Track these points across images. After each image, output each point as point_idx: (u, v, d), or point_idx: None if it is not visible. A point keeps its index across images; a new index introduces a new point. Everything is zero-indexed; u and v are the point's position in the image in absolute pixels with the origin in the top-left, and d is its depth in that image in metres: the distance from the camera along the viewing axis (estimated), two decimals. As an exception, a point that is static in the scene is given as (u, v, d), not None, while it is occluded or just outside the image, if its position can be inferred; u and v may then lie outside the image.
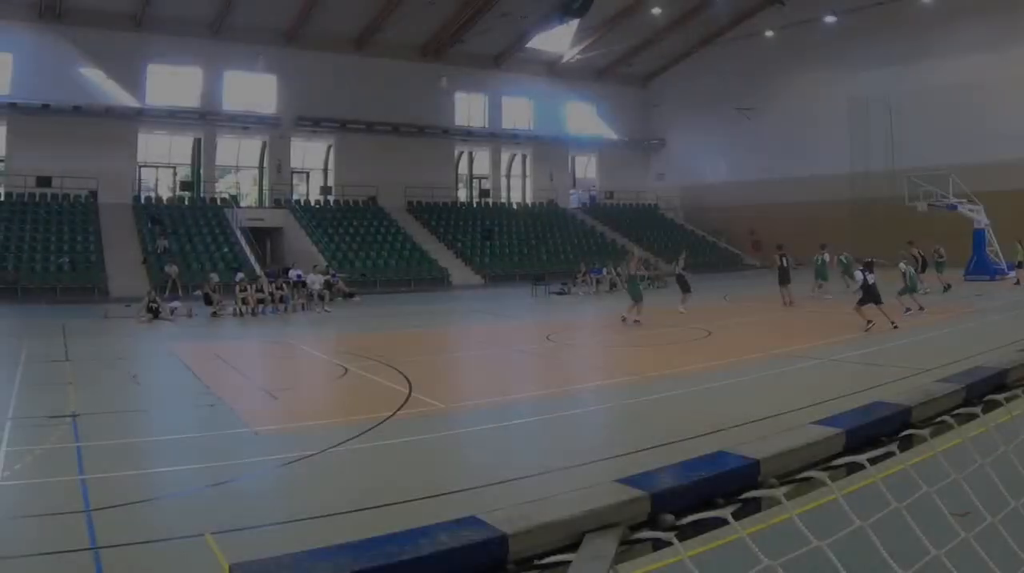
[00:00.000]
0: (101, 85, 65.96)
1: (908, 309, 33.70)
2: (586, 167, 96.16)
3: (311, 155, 78.72)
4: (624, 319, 34.07)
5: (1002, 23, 65.36)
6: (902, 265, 36.08)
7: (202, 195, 71.40)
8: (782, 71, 79.88)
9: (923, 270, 42.51)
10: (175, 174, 73.41)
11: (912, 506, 2.66)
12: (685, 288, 39.51)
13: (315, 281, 46.34)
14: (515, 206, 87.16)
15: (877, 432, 2.64)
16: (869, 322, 28.27)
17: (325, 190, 77.68)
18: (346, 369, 23.83)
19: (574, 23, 76.47)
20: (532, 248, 73.67)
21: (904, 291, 34.59)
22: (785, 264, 40.14)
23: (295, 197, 75.35)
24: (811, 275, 45.35)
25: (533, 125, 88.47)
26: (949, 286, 41.91)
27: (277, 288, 44.56)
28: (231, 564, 1.65)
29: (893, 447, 2.62)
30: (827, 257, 47.35)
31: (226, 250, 60.41)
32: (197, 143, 72.53)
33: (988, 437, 3.11)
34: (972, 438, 3.00)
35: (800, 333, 30.10)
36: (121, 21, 64.59)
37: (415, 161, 78.80)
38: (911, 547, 2.77)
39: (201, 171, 72.73)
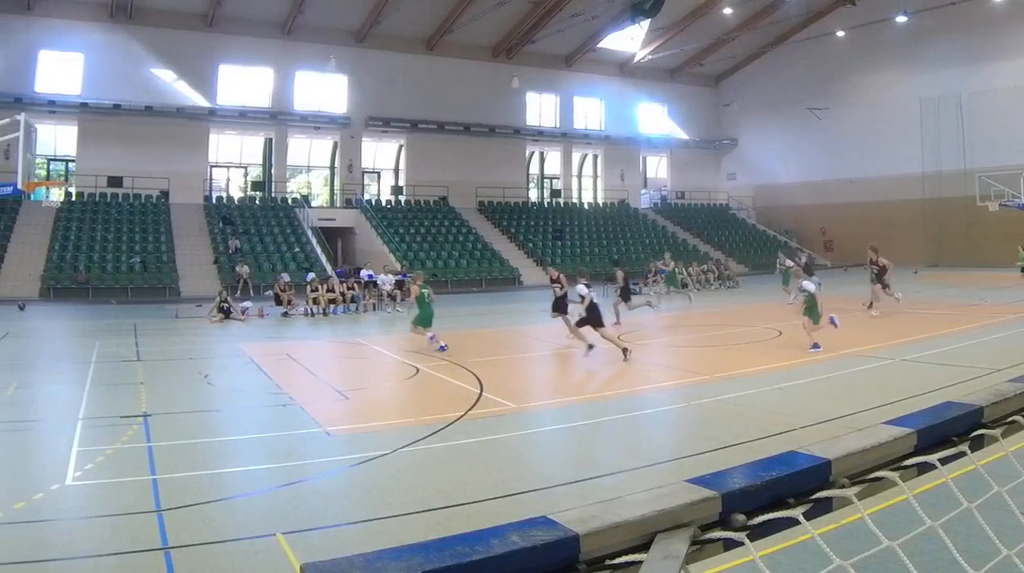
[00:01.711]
0: (172, 85, 66.61)
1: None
2: (657, 167, 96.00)
3: (382, 155, 78.95)
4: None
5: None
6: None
7: (273, 195, 71.81)
8: (853, 71, 79.47)
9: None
10: (246, 174, 73.98)
11: (983, 506, 2.65)
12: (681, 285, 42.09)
13: (386, 281, 46.41)
14: (586, 206, 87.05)
15: (948, 432, 2.63)
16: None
17: (396, 190, 77.88)
18: (417, 369, 23.82)
19: (645, 23, 76.24)
20: (603, 248, 73.47)
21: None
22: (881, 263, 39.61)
23: (366, 197, 75.60)
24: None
25: (604, 125, 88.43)
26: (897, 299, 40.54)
27: (348, 288, 44.66)
28: (303, 564, 1.67)
29: (964, 447, 2.61)
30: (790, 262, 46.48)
31: (297, 250, 60.66)
32: (268, 143, 72.96)
33: (1060, 437, 3.09)
34: (1044, 438, 2.98)
35: (871, 333, 29.80)
36: (192, 21, 65.21)
37: (486, 161, 79.11)
38: (982, 547, 2.76)
39: (272, 171, 73.09)
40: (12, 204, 56.88)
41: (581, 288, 26.02)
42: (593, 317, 25.65)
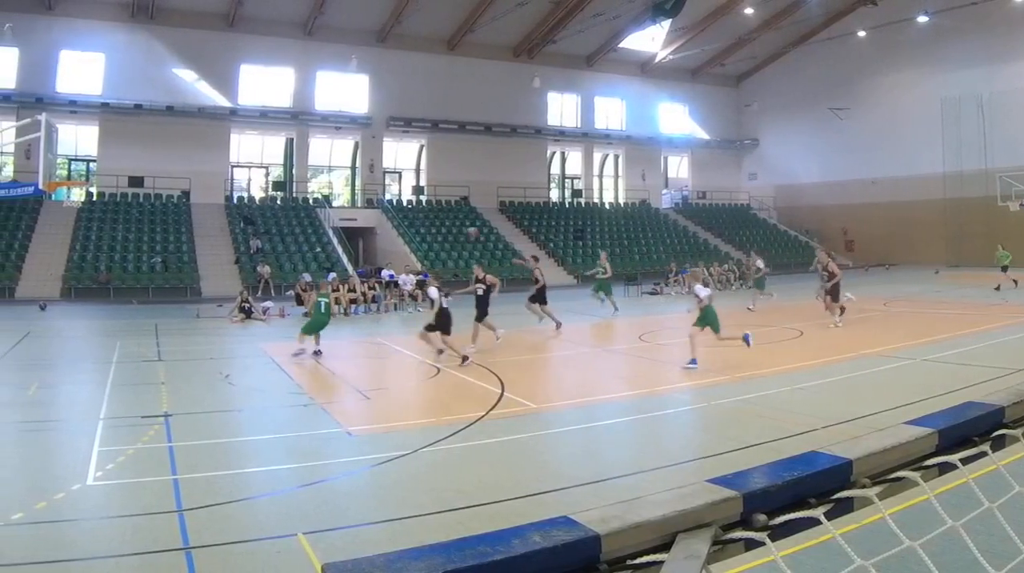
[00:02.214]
0: (193, 85, 66.80)
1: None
2: (678, 167, 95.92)
3: (403, 155, 79.06)
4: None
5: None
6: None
7: (294, 195, 71.89)
8: (874, 71, 79.35)
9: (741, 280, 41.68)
10: (267, 174, 74.17)
11: (1004, 506, 2.65)
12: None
13: (407, 281, 46.44)
14: (607, 206, 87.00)
15: (969, 432, 2.63)
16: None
17: (417, 190, 78.09)
18: (438, 369, 23.85)
19: (666, 23, 76.13)
20: (624, 248, 73.44)
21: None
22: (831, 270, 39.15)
23: (387, 197, 75.62)
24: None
25: (625, 125, 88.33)
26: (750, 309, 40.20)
27: (369, 288, 44.71)
28: (324, 564, 1.67)
29: (985, 447, 2.61)
30: (761, 264, 45.06)
31: (318, 250, 60.70)
32: (289, 143, 73.16)
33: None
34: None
35: (893, 333, 29.76)
36: (213, 21, 65.36)
37: (507, 161, 79.22)
38: (1003, 547, 2.76)
39: (293, 171, 73.26)
40: (33, 204, 57.07)
41: (432, 291, 25.74)
42: (442, 322, 25.12)
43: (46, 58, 61.05)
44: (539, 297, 35.47)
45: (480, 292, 28.44)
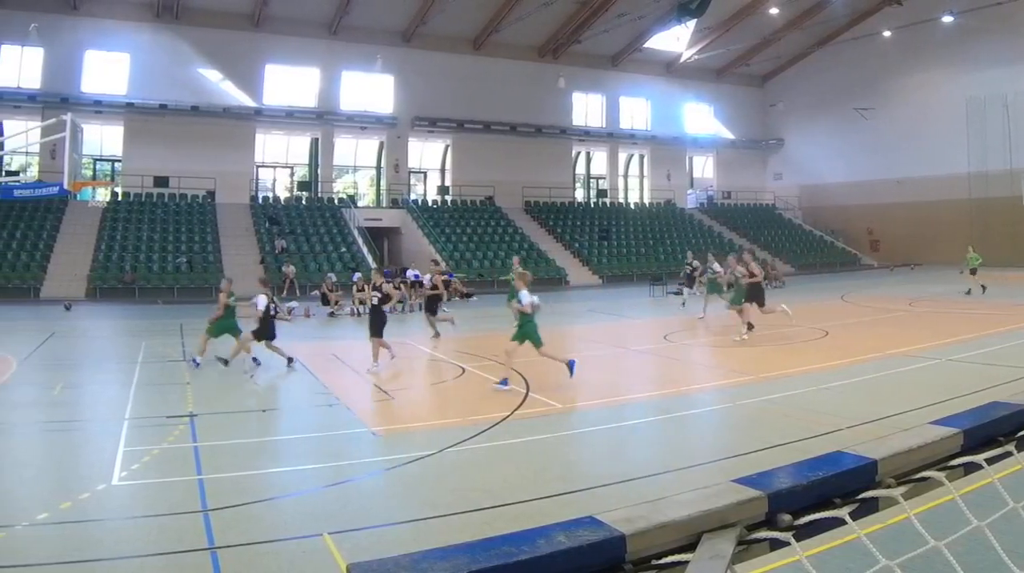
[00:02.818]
0: (219, 85, 66.99)
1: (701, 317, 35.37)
2: (703, 167, 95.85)
3: (428, 155, 79.19)
4: None
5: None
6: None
7: (319, 195, 72.08)
8: (899, 71, 79.17)
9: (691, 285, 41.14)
10: (292, 174, 74.29)
11: (1030, 506, 2.64)
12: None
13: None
14: (633, 206, 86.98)
15: (995, 432, 2.62)
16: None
17: (442, 190, 78.22)
18: (463, 369, 23.92)
19: (691, 23, 76.06)
20: (649, 248, 73.47)
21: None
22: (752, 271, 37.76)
23: (412, 197, 75.76)
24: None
25: (651, 125, 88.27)
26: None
27: (394, 288, 44.78)
28: (349, 564, 1.67)
29: (1011, 447, 2.60)
30: (717, 266, 39.41)
31: (343, 250, 60.80)
32: (314, 143, 73.30)
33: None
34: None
35: (918, 333, 29.70)
36: (238, 21, 65.53)
37: (532, 161, 79.25)
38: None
39: (318, 171, 73.36)
40: (58, 204, 57.33)
41: (260, 298, 24.85)
42: (264, 329, 24.78)
43: (71, 58, 61.30)
44: (430, 305, 35.18)
45: (375, 301, 26.37)
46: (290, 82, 70.22)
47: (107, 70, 63.14)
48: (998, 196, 69.91)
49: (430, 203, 75.54)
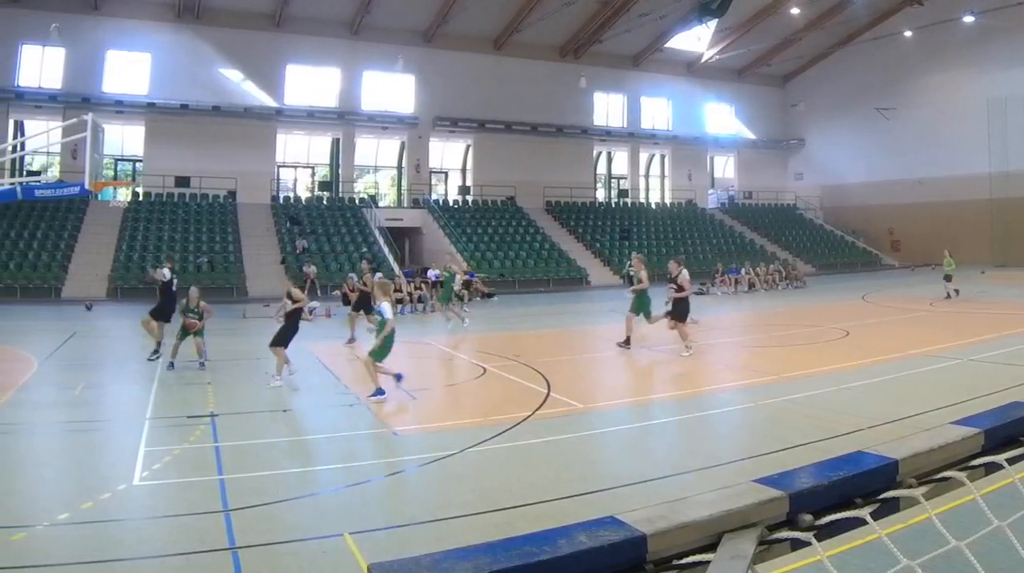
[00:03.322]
0: (240, 85, 67.12)
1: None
2: (724, 167, 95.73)
3: (449, 155, 79.13)
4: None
5: None
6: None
7: (340, 195, 72.15)
8: (920, 71, 79.07)
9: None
10: (313, 174, 74.38)
11: (1051, 507, 2.64)
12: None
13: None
14: (653, 206, 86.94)
15: (1016, 432, 2.62)
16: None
17: (463, 190, 78.15)
18: (484, 369, 23.89)
19: (712, 23, 76.04)
20: (671, 248, 73.12)
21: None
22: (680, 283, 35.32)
23: (434, 197, 75.76)
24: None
25: (672, 125, 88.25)
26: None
27: (415, 288, 44.78)
28: (370, 564, 1.68)
29: (1032, 447, 2.60)
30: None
31: (364, 250, 60.62)
32: (335, 143, 73.30)
33: None
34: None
35: (939, 333, 29.67)
36: (259, 21, 65.66)
37: (554, 161, 79.22)
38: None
39: (339, 171, 73.39)
40: (80, 204, 57.46)
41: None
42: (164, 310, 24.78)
43: (92, 58, 61.51)
44: (361, 304, 32.60)
45: (289, 306, 24.07)
46: (311, 82, 70.32)
47: (128, 70, 63.30)
48: (1019, 196, 69.84)
49: (451, 203, 75.57)
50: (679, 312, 26.64)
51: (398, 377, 19.93)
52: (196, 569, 9.56)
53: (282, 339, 22.81)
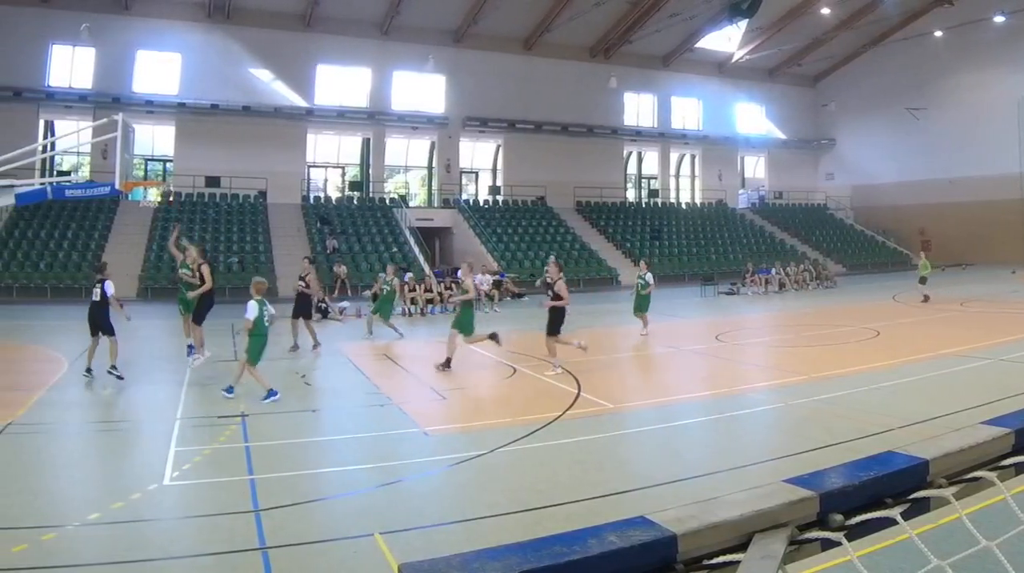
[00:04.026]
0: (270, 85, 67.32)
1: None
2: (755, 167, 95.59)
3: (480, 155, 79.18)
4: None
5: None
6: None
7: (371, 195, 72.33)
8: (951, 71, 78.92)
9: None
10: (344, 174, 74.42)
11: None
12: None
13: (484, 281, 46.49)
14: (684, 206, 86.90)
15: (1048, 432, 2.61)
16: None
17: (494, 190, 78.21)
18: (515, 369, 23.94)
19: (743, 23, 75.95)
20: (701, 248, 73.43)
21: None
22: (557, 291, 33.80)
23: (464, 197, 75.91)
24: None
25: (702, 125, 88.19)
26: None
27: (446, 288, 44.79)
28: (401, 564, 1.69)
29: (1063, 447, 2.59)
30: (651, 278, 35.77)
31: (395, 250, 60.78)
32: (366, 143, 73.43)
33: None
34: None
35: (970, 333, 29.55)
36: (290, 21, 65.88)
37: (584, 161, 79.34)
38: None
39: (370, 171, 73.57)
40: (110, 204, 57.72)
41: (251, 307, 22.64)
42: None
43: (123, 58, 61.79)
44: (303, 309, 30.67)
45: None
46: (341, 82, 70.53)
47: (159, 70, 63.62)
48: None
49: (481, 203, 75.64)
50: (551, 322, 24.15)
51: (272, 393, 19.43)
52: (226, 569, 9.60)
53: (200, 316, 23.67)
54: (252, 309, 20.32)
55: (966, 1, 72.66)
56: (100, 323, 22.39)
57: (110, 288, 22.34)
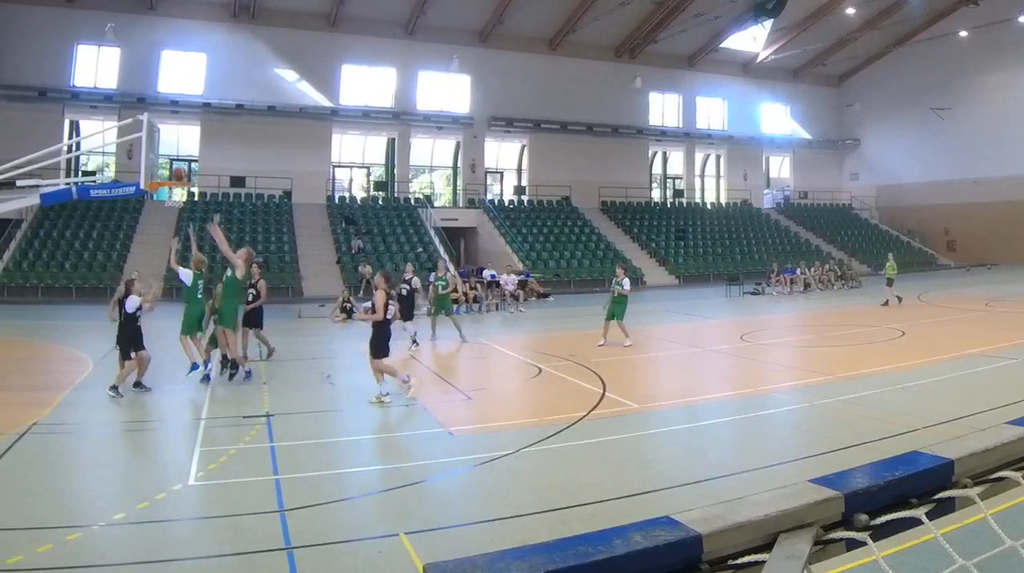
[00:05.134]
0: (295, 85, 67.36)
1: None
2: (780, 167, 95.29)
3: (505, 155, 79.08)
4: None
5: None
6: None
7: (396, 195, 72.37)
8: (976, 71, 78.52)
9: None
10: (369, 174, 74.39)
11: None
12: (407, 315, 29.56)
13: (509, 281, 46.50)
14: (709, 206, 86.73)
15: (1073, 432, 2.61)
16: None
17: (519, 190, 78.05)
18: (540, 369, 23.87)
19: (768, 23, 75.86)
20: (726, 248, 73.27)
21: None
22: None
23: (489, 197, 75.86)
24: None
25: (727, 125, 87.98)
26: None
27: (471, 288, 44.76)
28: (426, 564, 1.70)
29: (1089, 447, 2.58)
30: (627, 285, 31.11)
31: (420, 250, 60.74)
32: (391, 143, 73.41)
33: None
34: None
35: (995, 333, 29.41)
36: (315, 21, 65.95)
37: (609, 161, 79.21)
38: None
39: (395, 171, 73.58)
40: (135, 204, 57.83)
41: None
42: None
43: (148, 58, 62.01)
44: (254, 319, 27.02)
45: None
46: (366, 82, 70.59)
47: (184, 70, 63.88)
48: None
49: (506, 203, 75.61)
50: (373, 342, 21.13)
51: (195, 366, 20.78)
52: (251, 569, 9.62)
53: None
54: (187, 276, 21.89)
55: (991, 1, 72.38)
56: (127, 343, 21.29)
57: (130, 306, 21.51)
